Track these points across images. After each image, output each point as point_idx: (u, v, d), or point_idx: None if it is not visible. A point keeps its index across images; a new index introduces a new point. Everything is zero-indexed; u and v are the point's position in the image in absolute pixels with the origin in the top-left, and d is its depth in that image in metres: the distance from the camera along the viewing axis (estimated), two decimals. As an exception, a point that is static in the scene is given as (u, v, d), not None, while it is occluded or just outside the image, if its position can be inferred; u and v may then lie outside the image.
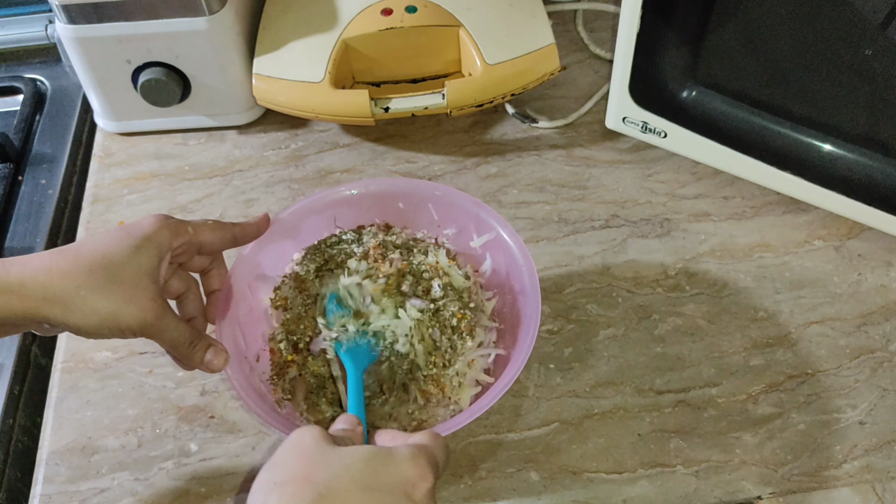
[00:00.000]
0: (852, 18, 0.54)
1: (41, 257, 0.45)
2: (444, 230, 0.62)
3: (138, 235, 0.47)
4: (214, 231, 0.52)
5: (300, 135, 0.77)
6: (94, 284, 0.45)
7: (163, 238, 0.48)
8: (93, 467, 0.57)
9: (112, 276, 0.45)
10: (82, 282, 0.45)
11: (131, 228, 0.48)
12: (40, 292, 0.44)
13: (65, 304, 0.44)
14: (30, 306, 0.44)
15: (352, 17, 0.71)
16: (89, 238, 0.48)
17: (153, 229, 0.48)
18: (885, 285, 0.64)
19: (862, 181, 0.61)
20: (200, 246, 0.51)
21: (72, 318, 0.45)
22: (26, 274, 0.44)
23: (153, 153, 0.76)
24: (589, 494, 0.54)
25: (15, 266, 0.45)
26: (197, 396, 0.60)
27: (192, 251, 0.52)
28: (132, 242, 0.47)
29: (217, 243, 0.52)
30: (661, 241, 0.68)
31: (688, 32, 0.62)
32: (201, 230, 0.51)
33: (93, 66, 0.71)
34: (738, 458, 0.55)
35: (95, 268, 0.45)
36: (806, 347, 0.61)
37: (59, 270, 0.45)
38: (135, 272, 0.46)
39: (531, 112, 0.77)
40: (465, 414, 0.50)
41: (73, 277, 0.45)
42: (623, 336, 0.62)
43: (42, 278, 0.44)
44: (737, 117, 0.64)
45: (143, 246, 0.47)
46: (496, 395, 0.50)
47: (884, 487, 0.54)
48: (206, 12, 0.68)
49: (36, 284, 0.44)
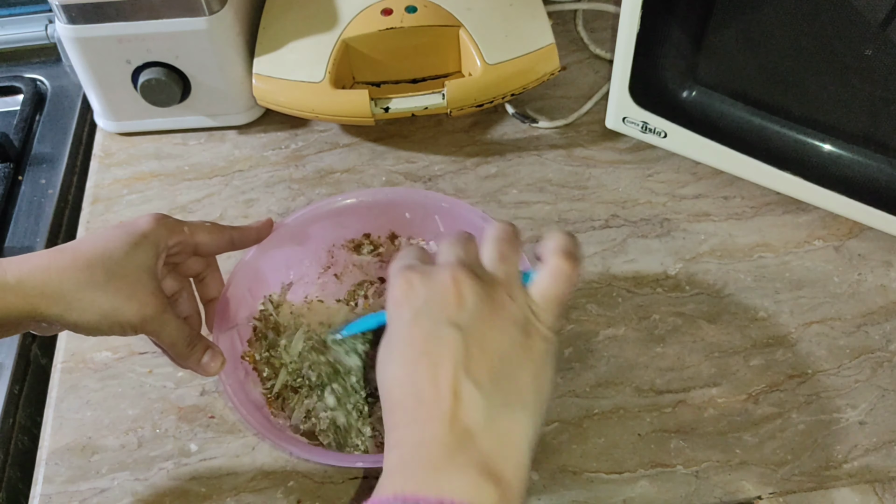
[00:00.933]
0: (852, 18, 0.54)
1: (39, 256, 0.45)
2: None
3: (135, 233, 0.48)
4: (211, 233, 0.52)
5: (300, 135, 0.77)
6: (94, 281, 0.45)
7: (159, 235, 0.48)
8: (93, 467, 0.57)
9: (111, 273, 0.45)
10: (81, 278, 0.45)
11: (128, 226, 0.48)
12: (39, 290, 0.44)
13: (64, 300, 0.44)
14: (28, 304, 0.44)
15: (352, 17, 0.71)
16: (87, 236, 0.48)
17: (150, 227, 0.48)
18: (885, 285, 0.64)
19: (862, 181, 0.61)
20: (196, 247, 0.51)
21: (71, 315, 0.45)
22: (24, 272, 0.44)
23: (153, 153, 0.76)
24: (589, 494, 0.54)
25: (13, 265, 0.45)
26: (197, 396, 0.60)
27: (188, 251, 0.51)
28: (130, 239, 0.47)
29: (213, 245, 0.52)
30: (661, 241, 0.68)
31: (688, 32, 0.62)
32: (197, 231, 0.51)
33: (93, 66, 0.71)
34: (738, 458, 0.55)
35: (94, 264, 0.45)
36: (806, 347, 0.61)
37: (58, 268, 0.45)
38: (134, 268, 0.46)
39: (531, 112, 0.77)
40: None
41: (71, 274, 0.45)
42: (623, 336, 0.62)
43: (41, 276, 0.44)
44: (737, 117, 0.64)
45: (141, 243, 0.47)
46: None
47: (884, 487, 0.54)
48: (206, 12, 0.68)
49: (34, 282, 0.44)
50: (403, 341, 0.39)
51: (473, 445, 0.36)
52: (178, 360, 0.50)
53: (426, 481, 0.35)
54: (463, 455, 0.36)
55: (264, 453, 0.57)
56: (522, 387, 0.38)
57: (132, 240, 0.47)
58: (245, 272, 0.57)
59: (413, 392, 0.37)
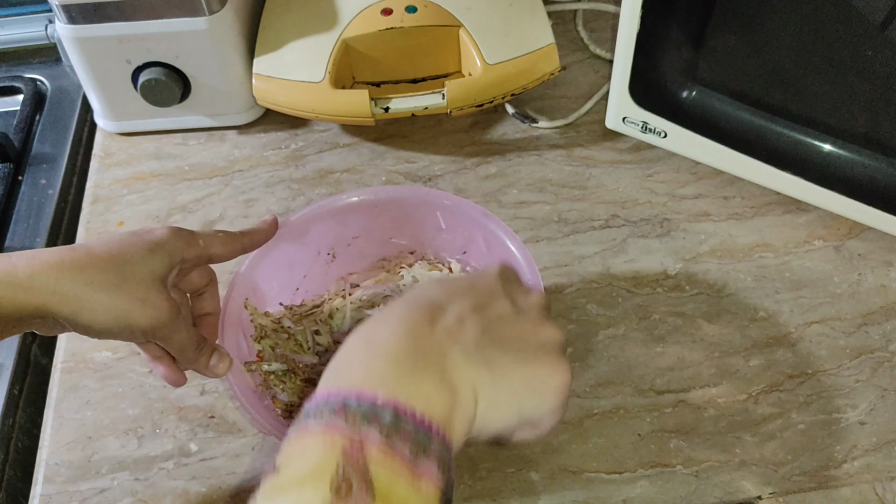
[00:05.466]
0: (852, 18, 0.54)
1: (51, 252, 0.44)
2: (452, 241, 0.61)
3: (151, 241, 0.47)
4: (225, 244, 0.51)
5: (300, 135, 0.77)
6: (108, 283, 0.44)
7: (175, 247, 0.48)
8: (93, 467, 0.57)
9: (125, 277, 0.45)
10: (95, 279, 0.44)
11: (143, 234, 0.47)
12: (51, 288, 0.43)
13: (76, 301, 0.43)
14: (39, 302, 0.43)
15: (352, 17, 0.71)
16: (100, 238, 0.47)
17: (166, 238, 0.47)
18: (885, 285, 0.64)
19: (862, 181, 0.61)
20: (210, 258, 0.50)
21: (84, 315, 0.44)
22: (36, 268, 0.43)
23: (153, 153, 0.76)
24: (589, 494, 0.54)
25: (23, 260, 0.43)
26: (197, 396, 0.60)
27: (202, 263, 0.51)
28: (145, 246, 0.46)
29: (227, 255, 0.51)
30: (661, 241, 0.68)
31: (688, 32, 0.62)
32: (212, 243, 0.50)
33: (93, 66, 0.71)
34: (738, 458, 0.55)
35: (108, 267, 0.44)
36: (806, 347, 0.61)
37: (72, 267, 0.44)
38: (147, 274, 0.46)
39: (531, 112, 0.77)
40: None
41: (86, 274, 0.44)
42: (623, 336, 0.62)
43: (54, 273, 0.43)
44: (737, 117, 0.64)
45: (156, 251, 0.46)
46: None
47: (884, 487, 0.54)
48: (206, 12, 0.68)
49: (47, 279, 0.43)
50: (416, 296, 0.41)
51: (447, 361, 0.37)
52: (187, 364, 0.49)
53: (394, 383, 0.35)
54: (431, 365, 0.36)
55: (265, 453, 0.57)
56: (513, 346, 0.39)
57: (147, 246, 0.46)
58: (250, 271, 0.57)
59: (409, 329, 0.38)
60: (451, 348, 0.37)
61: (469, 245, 0.61)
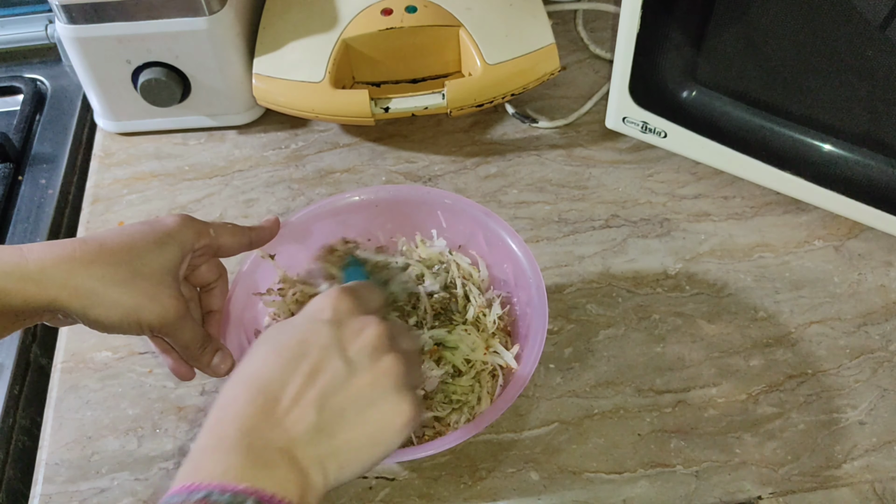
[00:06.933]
0: (852, 18, 0.54)
1: (62, 245, 0.44)
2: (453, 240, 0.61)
3: (162, 231, 0.47)
4: (234, 235, 0.51)
5: (300, 135, 0.77)
6: (119, 278, 0.44)
7: (186, 237, 0.47)
8: (93, 467, 0.57)
9: (136, 271, 0.44)
10: (107, 274, 0.44)
11: (154, 224, 0.47)
12: (61, 281, 0.43)
13: (87, 295, 0.43)
14: (49, 295, 0.42)
15: (352, 17, 0.71)
16: (112, 231, 0.46)
17: (177, 227, 0.47)
18: (885, 285, 0.64)
19: (862, 181, 0.61)
20: (218, 249, 0.50)
21: (94, 310, 0.43)
22: (47, 261, 0.43)
23: (153, 153, 0.76)
24: (589, 494, 0.54)
25: (34, 253, 0.43)
26: (197, 396, 0.60)
27: (210, 254, 0.51)
28: (156, 238, 0.46)
29: (235, 247, 0.51)
30: (661, 241, 0.68)
31: (688, 32, 0.62)
32: (221, 233, 0.50)
33: (93, 66, 0.71)
34: (738, 458, 0.55)
35: (120, 261, 0.44)
36: (806, 347, 0.61)
37: (84, 260, 0.43)
38: (158, 268, 0.45)
39: (531, 112, 0.77)
40: (470, 427, 0.49)
41: (97, 269, 0.43)
42: (623, 336, 0.62)
43: (65, 267, 0.43)
44: (737, 117, 0.64)
45: (167, 242, 0.46)
46: (500, 409, 0.49)
47: (884, 487, 0.54)
48: (206, 12, 0.68)
49: (58, 272, 0.43)
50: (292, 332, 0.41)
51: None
52: (190, 360, 0.50)
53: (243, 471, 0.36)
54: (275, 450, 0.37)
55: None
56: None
57: (158, 238, 0.46)
58: (253, 271, 0.57)
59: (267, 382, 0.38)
60: (295, 438, 0.37)
61: (470, 243, 0.61)
